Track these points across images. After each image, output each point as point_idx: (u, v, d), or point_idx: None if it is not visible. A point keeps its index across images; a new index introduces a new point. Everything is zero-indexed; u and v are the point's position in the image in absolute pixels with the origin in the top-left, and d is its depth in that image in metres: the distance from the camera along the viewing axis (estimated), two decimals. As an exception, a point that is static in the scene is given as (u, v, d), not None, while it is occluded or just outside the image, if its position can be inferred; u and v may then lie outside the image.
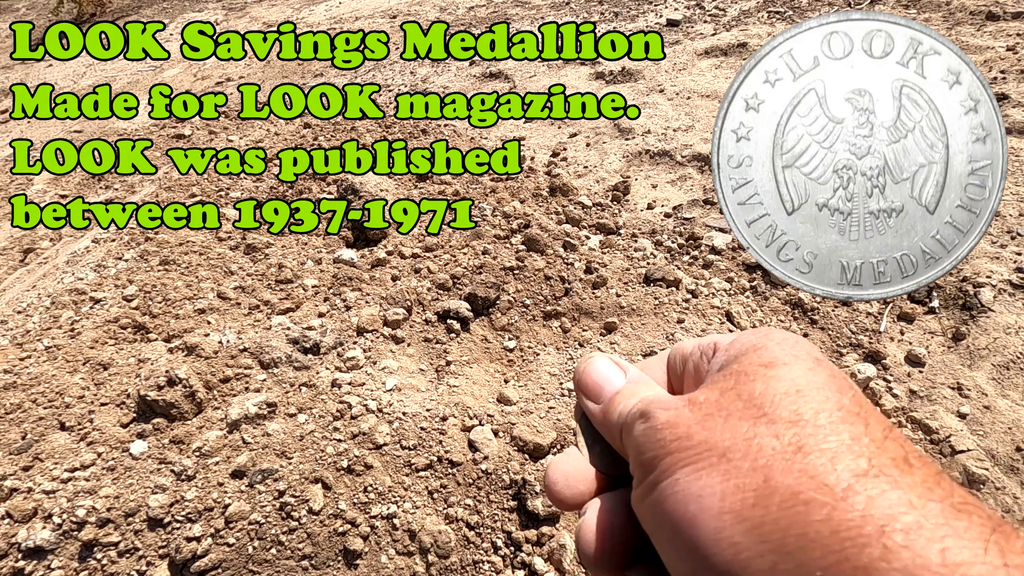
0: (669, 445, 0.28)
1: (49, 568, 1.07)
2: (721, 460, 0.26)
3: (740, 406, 0.27)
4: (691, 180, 2.12)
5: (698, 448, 0.27)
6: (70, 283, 1.75)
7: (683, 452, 0.27)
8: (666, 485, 0.27)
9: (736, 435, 0.26)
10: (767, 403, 0.27)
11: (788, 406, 0.27)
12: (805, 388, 0.27)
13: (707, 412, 0.28)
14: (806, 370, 0.28)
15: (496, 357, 1.49)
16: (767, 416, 0.26)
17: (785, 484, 0.24)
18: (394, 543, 1.10)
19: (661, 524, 0.27)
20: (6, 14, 6.53)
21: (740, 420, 0.27)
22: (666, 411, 0.29)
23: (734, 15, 3.29)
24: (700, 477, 0.26)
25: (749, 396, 0.28)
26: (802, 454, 0.25)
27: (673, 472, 0.27)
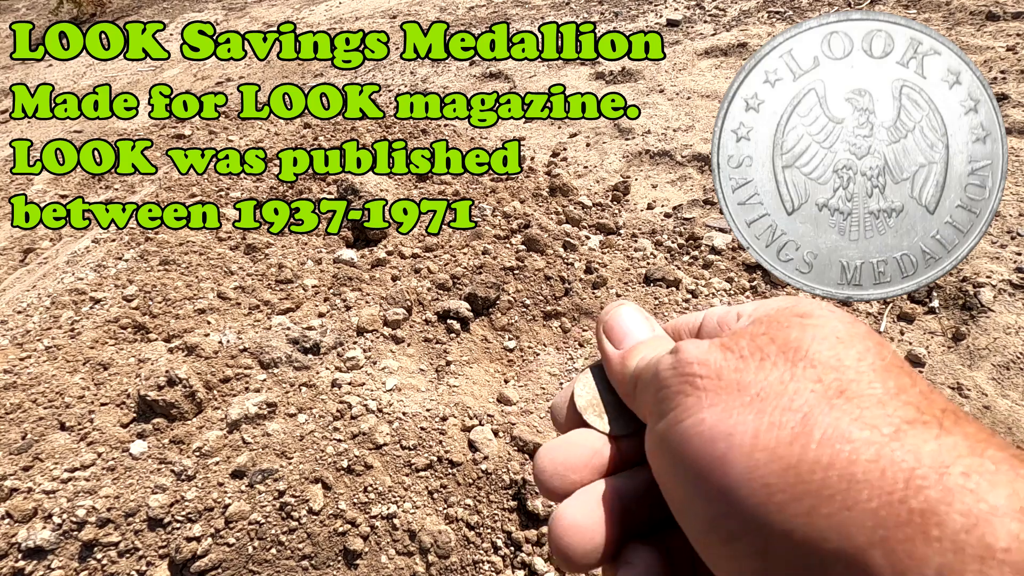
0: (698, 382, 0.26)
1: (49, 568, 1.07)
2: (755, 400, 0.24)
3: (774, 350, 0.26)
4: (691, 180, 2.13)
5: (729, 388, 0.25)
6: (70, 283, 1.75)
7: (713, 391, 0.25)
8: (691, 423, 0.25)
9: (771, 377, 0.25)
10: (805, 348, 0.25)
11: (827, 351, 0.25)
12: (845, 337, 0.26)
13: (740, 355, 0.26)
14: (845, 323, 0.27)
15: (496, 357, 1.49)
16: (805, 360, 0.25)
17: (827, 422, 0.22)
18: (394, 543, 1.10)
19: (682, 466, 0.25)
20: (6, 14, 6.53)
21: (775, 364, 0.25)
22: (697, 348, 0.28)
23: (734, 15, 3.29)
24: (730, 416, 0.24)
25: (785, 341, 0.26)
26: (845, 398, 0.23)
27: (700, 410, 0.25)
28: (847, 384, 0.24)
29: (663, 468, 0.27)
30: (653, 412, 0.28)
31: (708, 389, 0.26)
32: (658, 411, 0.28)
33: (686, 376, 0.27)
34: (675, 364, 0.28)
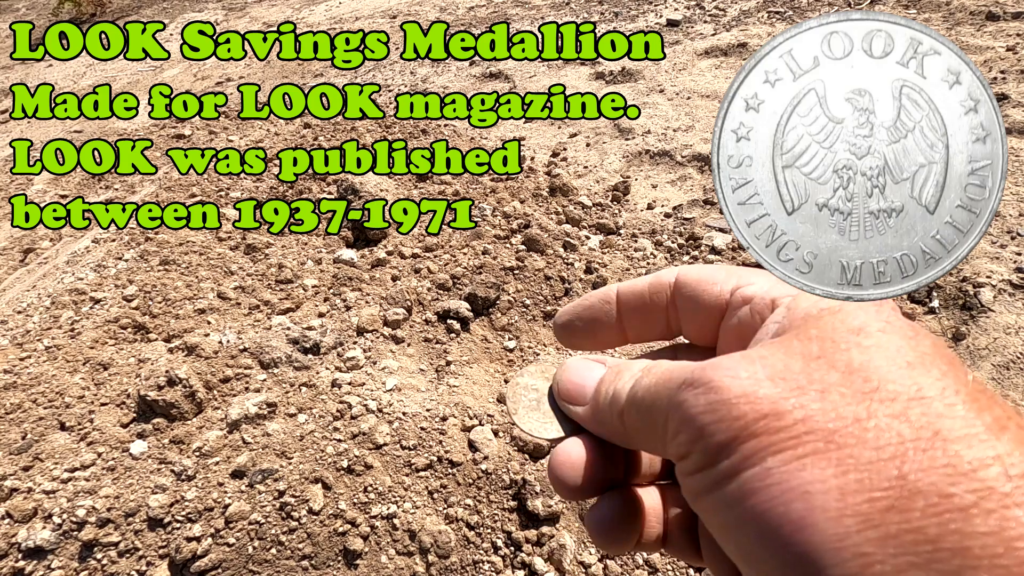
0: (753, 425, 0.22)
1: (49, 568, 1.07)
2: (829, 446, 0.21)
3: (837, 378, 0.22)
4: (691, 180, 2.13)
5: (794, 430, 0.21)
6: (70, 283, 1.75)
7: (774, 434, 0.22)
8: (753, 476, 0.21)
9: (843, 414, 0.21)
10: (875, 376, 0.22)
11: (903, 379, 0.22)
12: (915, 360, 0.22)
13: (796, 384, 0.22)
14: (907, 339, 0.23)
15: (496, 357, 1.49)
16: (880, 391, 0.21)
17: (929, 481, 0.19)
18: (394, 543, 1.10)
19: (745, 523, 0.21)
20: (6, 14, 6.53)
21: (843, 397, 0.22)
22: (736, 380, 0.23)
23: (734, 15, 3.29)
24: (804, 467, 0.20)
25: (848, 367, 0.22)
26: (942, 441, 0.20)
27: (762, 459, 0.21)
28: (938, 421, 0.20)
29: (716, 517, 0.23)
30: (689, 455, 0.24)
31: (768, 431, 0.22)
32: (695, 463, 0.24)
33: (734, 419, 0.23)
34: (715, 406, 0.23)
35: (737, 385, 0.23)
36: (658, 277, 0.34)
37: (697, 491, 0.24)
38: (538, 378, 0.36)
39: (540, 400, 0.35)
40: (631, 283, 0.35)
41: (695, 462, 0.24)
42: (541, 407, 0.34)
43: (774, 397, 0.22)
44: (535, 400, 0.35)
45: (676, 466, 0.25)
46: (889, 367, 0.22)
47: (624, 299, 0.35)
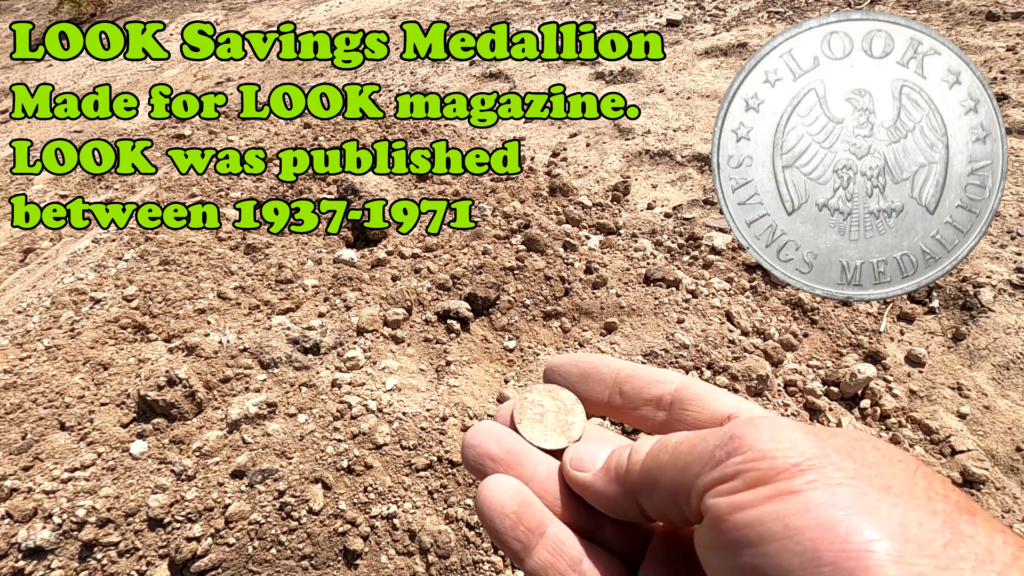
0: (816, 458, 0.25)
1: (49, 568, 1.07)
2: (882, 492, 0.24)
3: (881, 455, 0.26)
4: (691, 180, 2.13)
5: (853, 473, 0.24)
6: (70, 283, 1.75)
7: (837, 469, 0.24)
8: (818, 495, 0.24)
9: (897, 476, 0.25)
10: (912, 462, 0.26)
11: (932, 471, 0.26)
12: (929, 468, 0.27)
13: (851, 446, 0.26)
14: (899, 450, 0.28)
15: (496, 357, 1.49)
16: (921, 472, 0.25)
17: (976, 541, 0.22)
18: (394, 543, 1.10)
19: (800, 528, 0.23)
20: (6, 14, 6.53)
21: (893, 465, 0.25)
22: (799, 426, 0.27)
23: (734, 15, 3.29)
24: (867, 501, 0.23)
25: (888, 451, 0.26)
26: (982, 519, 0.23)
27: (828, 486, 0.24)
28: (974, 508, 0.24)
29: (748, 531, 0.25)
30: (732, 482, 0.26)
31: (831, 466, 0.25)
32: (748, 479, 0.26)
33: (800, 450, 0.25)
34: (779, 436, 0.26)
35: (798, 428, 0.26)
36: (664, 373, 0.37)
37: (739, 505, 0.25)
38: (544, 396, 0.39)
39: (544, 415, 0.38)
40: (636, 365, 0.38)
41: (748, 480, 0.25)
42: (544, 420, 0.38)
43: (833, 447, 0.26)
44: (539, 414, 0.38)
45: (714, 491, 0.27)
46: (922, 465, 0.26)
47: (624, 375, 0.37)
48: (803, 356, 1.52)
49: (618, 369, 0.38)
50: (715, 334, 1.48)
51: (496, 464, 0.35)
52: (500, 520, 0.32)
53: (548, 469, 0.36)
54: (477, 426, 0.37)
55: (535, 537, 0.33)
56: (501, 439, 0.36)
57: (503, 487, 0.33)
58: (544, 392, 0.39)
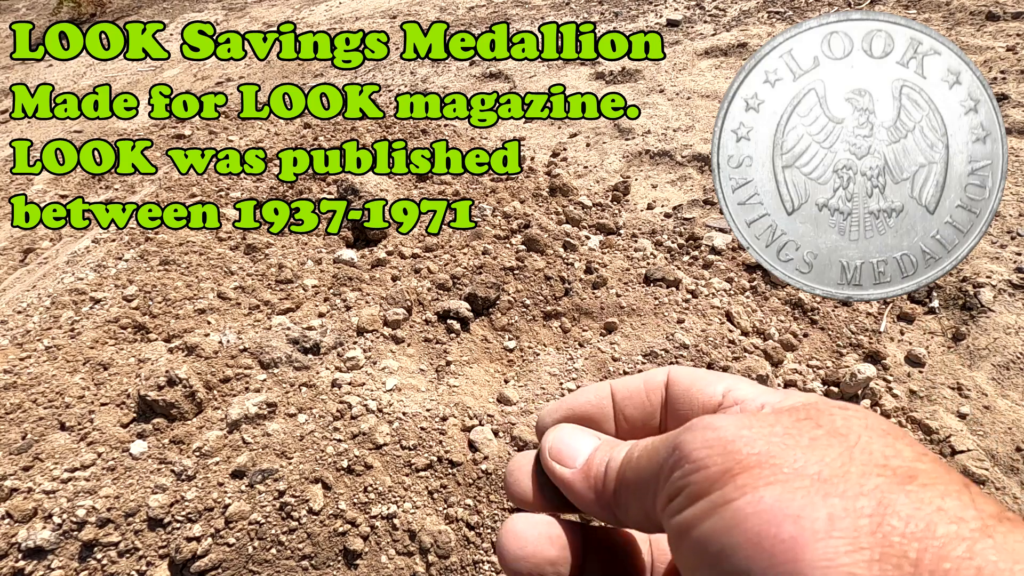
0: (747, 459, 0.24)
1: (49, 568, 1.07)
2: (817, 482, 0.22)
3: (822, 433, 0.25)
4: (691, 180, 2.12)
5: (785, 467, 0.23)
6: (70, 283, 1.75)
7: (766, 468, 0.23)
8: (747, 502, 0.23)
9: (828, 459, 0.23)
10: (856, 435, 0.24)
11: (880, 440, 0.24)
12: (892, 431, 0.25)
13: (787, 433, 0.25)
14: (883, 420, 0.26)
15: (496, 357, 1.49)
16: (860, 445, 0.24)
17: (907, 512, 0.21)
18: (394, 543, 1.10)
19: (738, 546, 0.22)
20: (6, 14, 6.53)
21: (829, 446, 0.24)
22: (731, 424, 0.26)
23: (734, 15, 3.29)
24: (794, 496, 0.22)
25: (832, 427, 0.25)
26: (919, 484, 0.22)
27: (755, 488, 0.23)
28: (916, 471, 0.23)
29: (703, 548, 0.24)
30: (677, 499, 0.26)
31: (759, 466, 0.24)
32: (689, 495, 0.25)
33: (729, 453, 0.24)
34: (711, 442, 0.25)
35: (732, 426, 0.26)
36: (652, 376, 0.36)
37: (688, 524, 0.25)
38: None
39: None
40: (625, 381, 0.36)
41: (689, 495, 0.25)
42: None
43: (766, 438, 0.25)
44: None
45: (667, 510, 0.26)
46: (869, 431, 0.25)
47: (622, 398, 0.36)
48: (803, 356, 1.52)
49: (610, 393, 0.36)
50: (715, 334, 1.48)
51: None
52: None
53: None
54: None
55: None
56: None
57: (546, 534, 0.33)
58: None
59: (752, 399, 0.31)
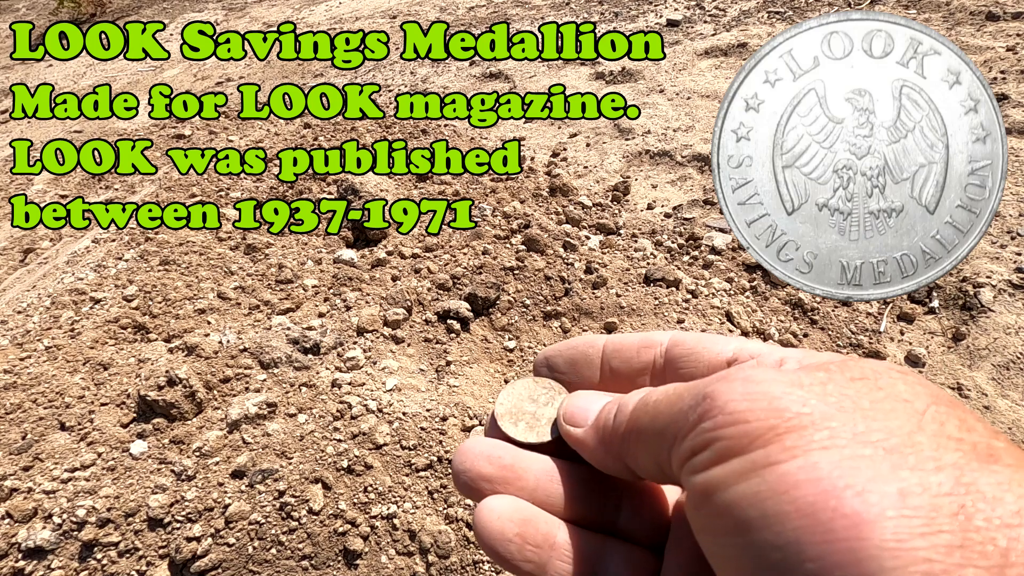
0: (796, 418, 0.21)
1: (49, 568, 1.07)
2: (882, 452, 0.20)
3: (883, 396, 0.22)
4: (691, 180, 2.12)
5: (843, 431, 0.20)
6: (70, 283, 1.75)
7: (821, 430, 0.20)
8: (796, 467, 0.20)
9: (894, 429, 0.20)
10: (921, 402, 0.22)
11: (948, 410, 0.21)
12: (957, 402, 0.22)
13: (843, 394, 0.22)
14: (938, 387, 0.24)
15: (496, 357, 1.49)
16: (929, 415, 0.21)
17: (993, 495, 0.18)
18: (394, 543, 1.10)
19: (779, 516, 0.20)
20: (6, 14, 6.53)
21: (893, 413, 0.21)
22: (778, 377, 0.22)
23: (734, 15, 3.29)
24: (858, 468, 0.19)
25: (893, 392, 0.22)
26: (1003, 466, 0.19)
27: (808, 452, 0.20)
28: (996, 450, 0.20)
29: (742, 513, 0.21)
30: (703, 453, 0.23)
31: (813, 427, 0.21)
32: (719, 450, 0.22)
33: (776, 410, 0.21)
34: (754, 395, 0.22)
35: (778, 380, 0.22)
36: (650, 336, 0.35)
37: (716, 483, 0.22)
38: (524, 389, 0.37)
39: (524, 409, 0.36)
40: (620, 336, 0.36)
41: (719, 451, 0.22)
42: (527, 414, 0.36)
43: (820, 397, 0.21)
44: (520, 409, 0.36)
45: (689, 464, 0.23)
46: (937, 401, 0.22)
47: (610, 350, 0.35)
48: (803, 356, 1.52)
49: (602, 346, 0.35)
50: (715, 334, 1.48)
51: (493, 484, 0.32)
52: (504, 547, 0.30)
53: (544, 470, 0.33)
54: (463, 448, 0.33)
55: (545, 552, 0.30)
56: (491, 455, 0.33)
57: (499, 511, 0.31)
58: (523, 386, 0.37)
59: (768, 354, 0.29)
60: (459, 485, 0.33)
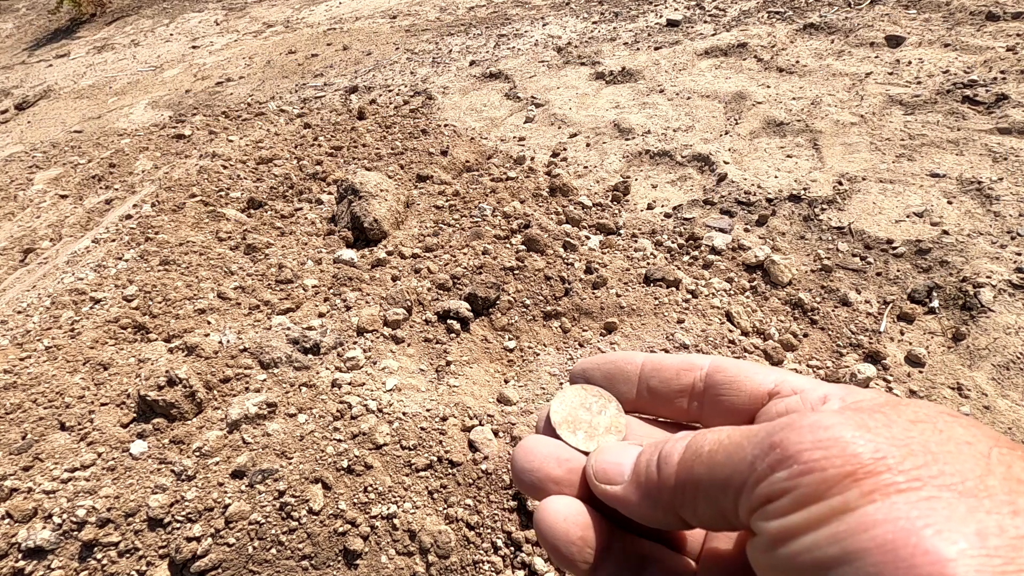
0: (871, 464, 0.21)
1: (49, 568, 1.07)
2: (955, 494, 0.20)
3: (946, 439, 0.22)
4: (691, 180, 2.12)
5: (915, 474, 0.21)
6: (70, 283, 1.75)
7: (896, 474, 0.21)
8: (875, 510, 0.20)
9: (962, 470, 0.21)
10: (984, 445, 0.22)
11: (1012, 453, 0.22)
12: (1015, 444, 0.23)
13: (909, 437, 0.22)
14: (991, 428, 0.25)
15: (496, 357, 1.49)
16: (995, 459, 0.22)
17: None
18: (394, 543, 1.10)
19: (859, 553, 0.20)
20: (6, 14, 6.53)
21: (957, 455, 0.22)
22: (843, 422, 0.23)
23: (734, 15, 3.29)
24: (934, 508, 0.20)
25: (955, 435, 0.22)
26: None
27: (887, 495, 0.20)
28: None
29: (808, 559, 0.22)
30: (780, 501, 0.23)
31: (889, 471, 0.21)
32: (797, 498, 0.22)
33: (849, 456, 0.22)
34: (826, 443, 0.22)
35: (846, 425, 0.23)
36: (690, 359, 0.35)
37: (794, 530, 0.22)
38: (576, 396, 0.38)
39: (579, 417, 0.36)
40: (660, 356, 0.36)
41: (797, 498, 0.22)
42: (582, 422, 0.36)
43: (890, 442, 0.22)
44: (576, 416, 0.37)
45: (761, 512, 0.24)
46: (998, 444, 0.22)
47: (649, 369, 0.36)
48: (803, 356, 1.52)
49: (641, 364, 0.36)
50: (715, 334, 1.48)
51: (560, 486, 0.33)
52: (567, 548, 0.31)
53: None
54: (527, 448, 0.34)
55: (600, 556, 0.31)
56: (559, 457, 0.33)
57: (564, 512, 0.31)
58: (574, 394, 0.37)
59: (811, 389, 0.30)
60: (522, 484, 0.34)
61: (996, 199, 1.77)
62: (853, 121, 2.21)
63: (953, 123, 2.10)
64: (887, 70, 2.46)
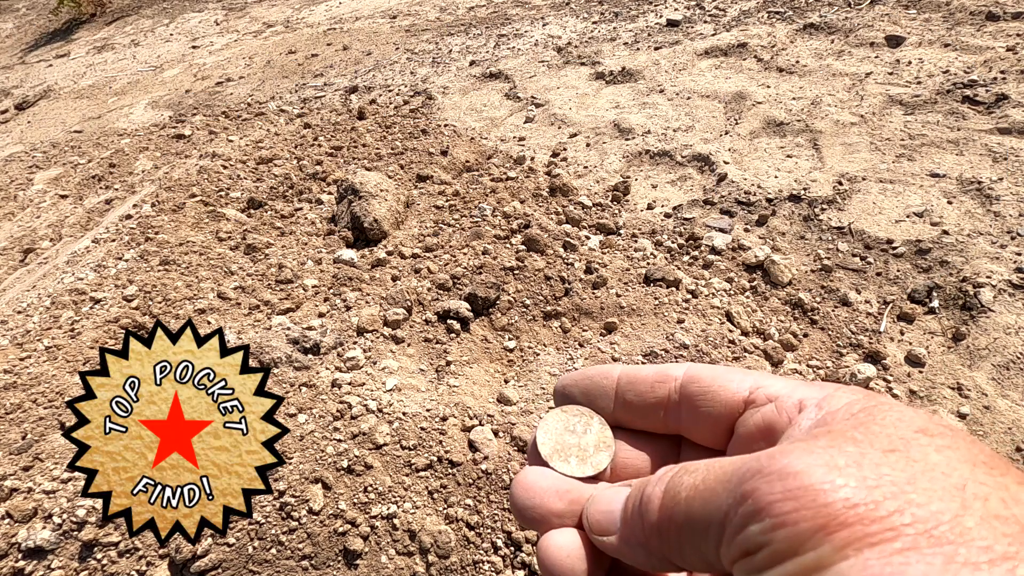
0: (843, 514, 0.21)
1: (49, 568, 1.07)
2: (931, 541, 0.20)
3: (919, 470, 0.22)
4: (691, 180, 2.12)
5: (889, 522, 0.20)
6: (70, 283, 1.75)
7: (869, 525, 0.21)
8: (851, 567, 0.20)
9: (938, 509, 0.21)
10: (958, 475, 0.22)
11: (988, 479, 0.22)
12: (992, 462, 0.23)
13: (879, 475, 0.22)
14: (972, 442, 0.24)
15: (496, 357, 1.49)
16: (971, 491, 0.21)
17: None
18: (394, 543, 1.10)
19: None
20: (6, 14, 6.53)
21: (932, 492, 0.21)
22: (815, 467, 0.22)
23: (734, 15, 3.29)
24: (909, 561, 0.19)
25: (927, 463, 0.22)
26: None
27: (859, 551, 0.20)
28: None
29: None
30: (757, 555, 0.23)
31: (860, 522, 0.21)
32: (773, 553, 0.22)
33: (820, 507, 0.21)
34: (795, 493, 0.22)
35: (817, 472, 0.22)
36: (665, 369, 0.35)
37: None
38: (560, 420, 0.37)
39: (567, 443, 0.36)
40: (635, 369, 0.36)
41: (773, 554, 0.22)
42: (571, 448, 0.36)
43: (860, 485, 0.22)
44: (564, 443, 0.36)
45: (741, 565, 0.24)
46: (973, 469, 0.22)
47: (624, 383, 0.36)
48: (803, 356, 1.52)
49: (617, 378, 0.36)
50: (715, 334, 1.48)
51: (563, 519, 0.33)
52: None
53: None
54: (526, 483, 0.34)
55: None
56: (559, 490, 0.33)
57: (567, 548, 0.31)
58: (555, 419, 0.37)
59: (787, 395, 0.30)
60: (524, 519, 0.33)
61: (996, 199, 1.77)
62: (853, 121, 2.21)
63: (953, 123, 2.10)
64: (887, 70, 2.46)
